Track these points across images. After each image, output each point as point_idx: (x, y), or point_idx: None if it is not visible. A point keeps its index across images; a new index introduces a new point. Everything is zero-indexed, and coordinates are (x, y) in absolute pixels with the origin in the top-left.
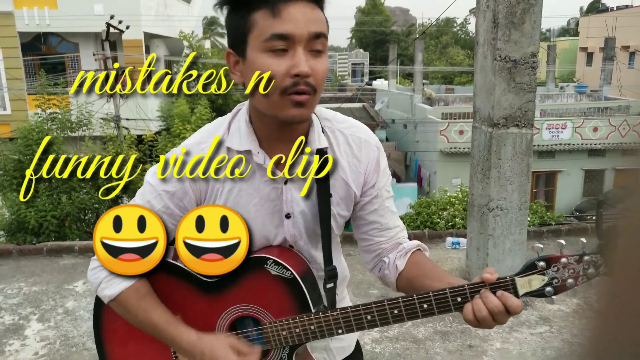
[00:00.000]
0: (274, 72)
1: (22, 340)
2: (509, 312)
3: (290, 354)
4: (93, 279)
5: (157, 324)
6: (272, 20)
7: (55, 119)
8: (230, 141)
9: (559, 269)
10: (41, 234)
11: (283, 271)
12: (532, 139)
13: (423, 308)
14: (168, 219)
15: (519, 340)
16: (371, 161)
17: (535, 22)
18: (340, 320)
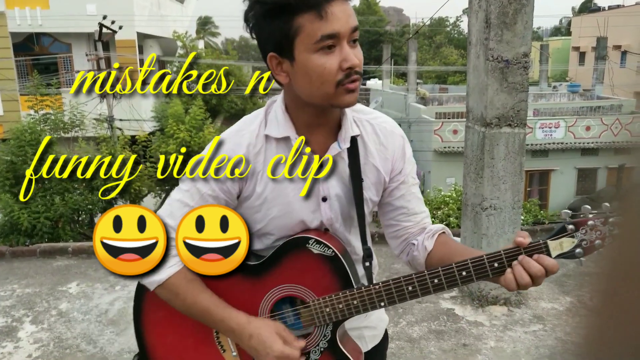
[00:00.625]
0: (328, 69)
1: (16, 342)
2: (546, 274)
3: (334, 331)
4: None
5: (207, 306)
6: (320, 22)
7: (48, 120)
8: (268, 129)
9: (587, 231)
10: (34, 236)
11: (325, 249)
12: (524, 138)
13: (462, 275)
14: (213, 202)
15: (512, 338)
16: (397, 149)
17: (527, 22)
18: (382, 292)
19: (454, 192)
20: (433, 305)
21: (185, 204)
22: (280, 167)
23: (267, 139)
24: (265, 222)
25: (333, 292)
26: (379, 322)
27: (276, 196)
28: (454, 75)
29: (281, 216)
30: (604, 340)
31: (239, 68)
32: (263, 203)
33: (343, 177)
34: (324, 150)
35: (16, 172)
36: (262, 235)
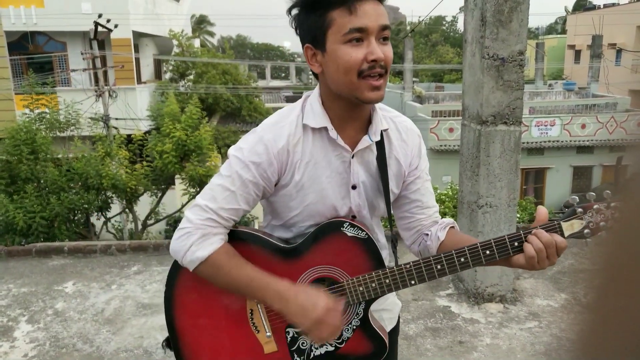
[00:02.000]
0: (354, 58)
1: (12, 342)
2: (557, 250)
3: (366, 309)
4: (180, 246)
5: (251, 275)
6: (350, 17)
7: (44, 119)
8: (307, 120)
9: (593, 214)
10: (30, 235)
11: (358, 232)
12: (520, 136)
13: (486, 254)
14: (253, 187)
15: (508, 335)
16: (415, 146)
17: (523, 20)
18: (413, 271)
19: (450, 190)
20: (429, 303)
21: (226, 189)
22: (316, 156)
23: (305, 129)
24: (301, 209)
25: (366, 272)
26: (394, 306)
27: (312, 183)
28: (450, 73)
29: (316, 202)
30: (599, 337)
31: (235, 67)
32: (300, 190)
33: (370, 168)
34: (355, 143)
35: (11, 171)
36: (292, 225)
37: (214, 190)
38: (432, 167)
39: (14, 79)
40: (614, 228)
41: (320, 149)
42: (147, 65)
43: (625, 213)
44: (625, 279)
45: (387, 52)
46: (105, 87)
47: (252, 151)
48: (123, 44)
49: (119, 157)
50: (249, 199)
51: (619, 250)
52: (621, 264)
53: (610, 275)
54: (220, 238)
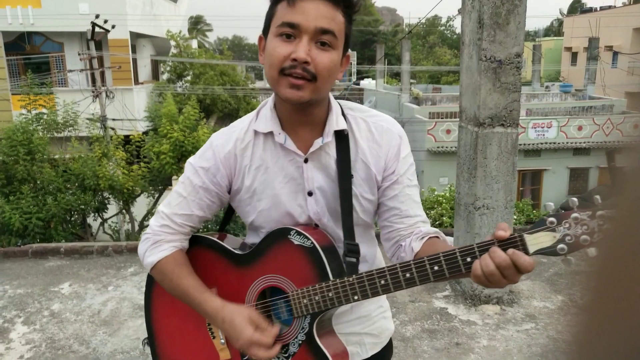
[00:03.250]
0: (278, 52)
1: (7, 343)
2: (519, 271)
3: (312, 323)
4: (140, 250)
5: (187, 289)
6: (287, 10)
7: (41, 120)
8: (257, 125)
9: (571, 225)
10: (26, 236)
11: (304, 240)
12: (517, 138)
13: (434, 270)
14: (204, 193)
15: (505, 337)
16: (392, 148)
17: (520, 22)
18: (355, 285)
19: (447, 192)
20: (426, 305)
21: (179, 195)
22: (267, 161)
23: (255, 134)
24: (255, 215)
25: (311, 283)
26: (383, 331)
27: (264, 189)
28: (447, 75)
29: (269, 208)
30: (595, 339)
31: (233, 68)
32: (252, 195)
33: (330, 173)
34: (308, 147)
35: (8, 172)
36: (256, 229)
37: (170, 197)
38: (429, 168)
39: (11, 79)
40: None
41: (271, 154)
42: (145, 66)
43: (621, 213)
44: (623, 281)
45: (319, 58)
46: (102, 87)
47: (201, 157)
48: (120, 44)
49: (116, 157)
50: (201, 204)
51: (616, 252)
52: (618, 265)
53: (607, 276)
54: (172, 245)
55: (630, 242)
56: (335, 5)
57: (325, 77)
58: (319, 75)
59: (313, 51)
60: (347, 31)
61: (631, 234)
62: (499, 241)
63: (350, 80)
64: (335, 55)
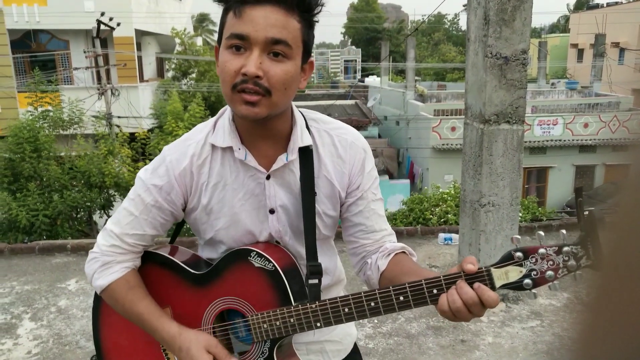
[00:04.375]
0: (228, 68)
1: (15, 339)
2: (484, 306)
3: (272, 348)
4: (87, 271)
5: (142, 315)
6: (235, 20)
7: (47, 117)
8: (214, 138)
9: (537, 260)
10: (33, 233)
11: (265, 263)
12: (523, 135)
13: (399, 300)
14: (157, 212)
15: (510, 334)
16: (356, 163)
17: (526, 19)
18: (318, 313)
19: (452, 189)
20: None
21: (130, 213)
22: (225, 178)
23: (213, 148)
24: (213, 233)
25: (272, 307)
26: (345, 337)
27: (222, 207)
28: (452, 72)
29: (228, 227)
30: (600, 339)
31: None
32: (209, 214)
33: (293, 190)
34: (270, 163)
35: (14, 169)
36: (215, 244)
37: (120, 214)
38: (434, 166)
39: (17, 77)
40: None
41: (230, 170)
42: (150, 64)
43: (626, 212)
44: (628, 279)
45: (273, 70)
46: (107, 85)
47: (154, 173)
48: (125, 42)
49: (122, 155)
50: (154, 223)
51: (622, 250)
52: (624, 264)
53: (613, 275)
54: (124, 267)
55: (636, 240)
56: (288, 11)
57: (281, 90)
58: (273, 89)
59: (265, 63)
60: (305, 37)
61: (637, 232)
62: (466, 275)
63: (354, 78)
64: (291, 66)
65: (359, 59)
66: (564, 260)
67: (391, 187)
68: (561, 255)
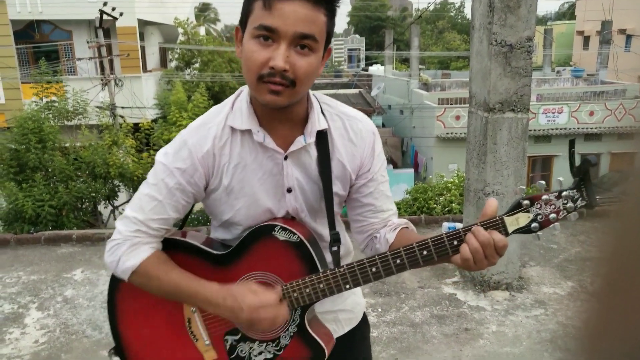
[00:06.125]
0: (255, 58)
1: (22, 328)
2: (497, 251)
3: (302, 315)
4: (111, 258)
5: (180, 282)
6: (264, 12)
7: (52, 108)
8: (232, 121)
9: (542, 205)
10: (39, 223)
11: (290, 236)
12: (527, 123)
13: (423, 255)
14: (181, 195)
15: (514, 323)
16: (367, 146)
17: (531, 5)
18: (347, 275)
19: (456, 178)
20: (435, 290)
21: (153, 198)
22: (245, 159)
23: (232, 131)
24: (232, 213)
25: (300, 277)
26: (355, 306)
27: (243, 187)
28: (457, 60)
29: (248, 206)
30: (605, 326)
31: None
32: (230, 194)
33: (308, 170)
34: (288, 144)
35: (20, 160)
36: (230, 225)
37: (141, 200)
38: (438, 155)
39: (20, 68)
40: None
41: (249, 151)
42: (153, 54)
43: (634, 200)
44: (633, 267)
45: (299, 63)
46: (111, 75)
47: (176, 156)
48: (128, 32)
49: (126, 145)
50: (177, 206)
51: (629, 238)
52: (629, 252)
53: (617, 263)
54: (151, 247)
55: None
56: (315, 5)
57: (305, 81)
58: (297, 81)
59: (292, 57)
60: (328, 29)
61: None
62: (482, 223)
63: (358, 67)
64: (315, 59)
65: (362, 47)
66: (563, 204)
67: (395, 177)
68: (561, 199)
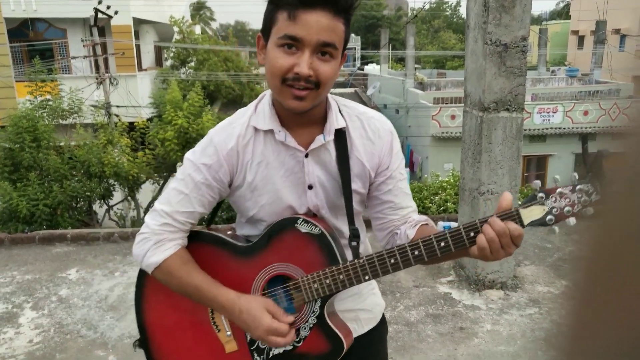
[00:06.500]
0: (280, 64)
1: (17, 328)
2: (513, 241)
3: (322, 306)
4: (138, 251)
5: (199, 285)
6: (288, 22)
7: (47, 107)
8: (256, 121)
9: (557, 199)
10: (33, 223)
11: (312, 228)
12: (522, 123)
13: (441, 246)
14: (207, 190)
15: (508, 322)
16: (385, 145)
17: (526, 5)
18: (366, 266)
19: (451, 178)
20: (430, 290)
21: (180, 192)
22: (268, 157)
23: (255, 131)
24: (257, 209)
25: (320, 268)
26: (375, 306)
27: (266, 184)
28: (452, 60)
29: (271, 203)
30: (585, 327)
31: (237, 54)
32: (254, 191)
33: (328, 168)
34: (309, 142)
35: (14, 159)
36: (256, 222)
37: (169, 194)
38: (434, 154)
39: (15, 66)
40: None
41: (272, 149)
42: (148, 52)
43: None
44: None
45: (322, 69)
46: (106, 74)
47: (203, 153)
48: (123, 30)
49: (121, 144)
50: (203, 201)
51: (608, 236)
52: (611, 251)
53: (599, 262)
54: (176, 244)
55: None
56: (335, 15)
57: (327, 85)
58: (321, 84)
59: (315, 63)
60: (346, 36)
61: (623, 220)
62: (498, 214)
63: (354, 66)
64: (335, 64)
65: (358, 46)
66: (578, 197)
67: None
68: (575, 193)
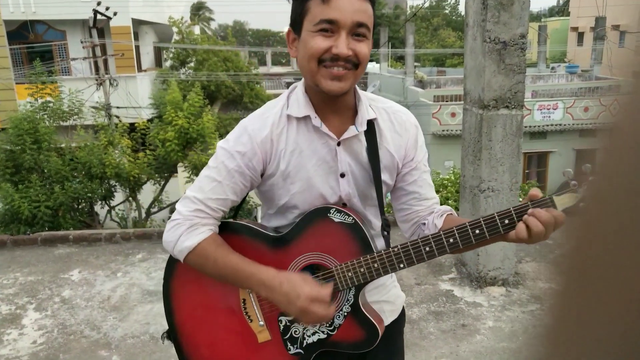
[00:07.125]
0: (319, 46)
1: (20, 329)
2: (556, 224)
3: (356, 295)
4: (170, 237)
5: (237, 264)
6: (322, 7)
7: (48, 108)
8: (290, 110)
9: None
10: (35, 224)
11: (345, 217)
12: (522, 120)
13: (475, 233)
14: (239, 177)
15: (510, 318)
16: (411, 137)
17: (525, 3)
18: (401, 254)
19: (452, 175)
20: (432, 287)
21: (213, 179)
22: (301, 145)
23: (289, 119)
24: (288, 197)
25: (354, 257)
26: (397, 298)
27: (298, 171)
28: (452, 57)
29: (303, 191)
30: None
31: (236, 54)
32: (286, 178)
33: (359, 159)
34: (341, 132)
35: (15, 161)
36: (286, 210)
37: (201, 182)
38: (434, 152)
39: (14, 68)
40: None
41: (305, 138)
42: (147, 53)
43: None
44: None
45: (359, 48)
46: (105, 75)
47: (237, 141)
48: (123, 31)
49: (122, 145)
50: (235, 189)
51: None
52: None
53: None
54: (209, 228)
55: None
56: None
57: (364, 64)
58: (360, 64)
59: (352, 43)
60: (375, 18)
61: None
62: (533, 203)
63: None
64: (369, 44)
65: None
66: None
67: None
68: None
